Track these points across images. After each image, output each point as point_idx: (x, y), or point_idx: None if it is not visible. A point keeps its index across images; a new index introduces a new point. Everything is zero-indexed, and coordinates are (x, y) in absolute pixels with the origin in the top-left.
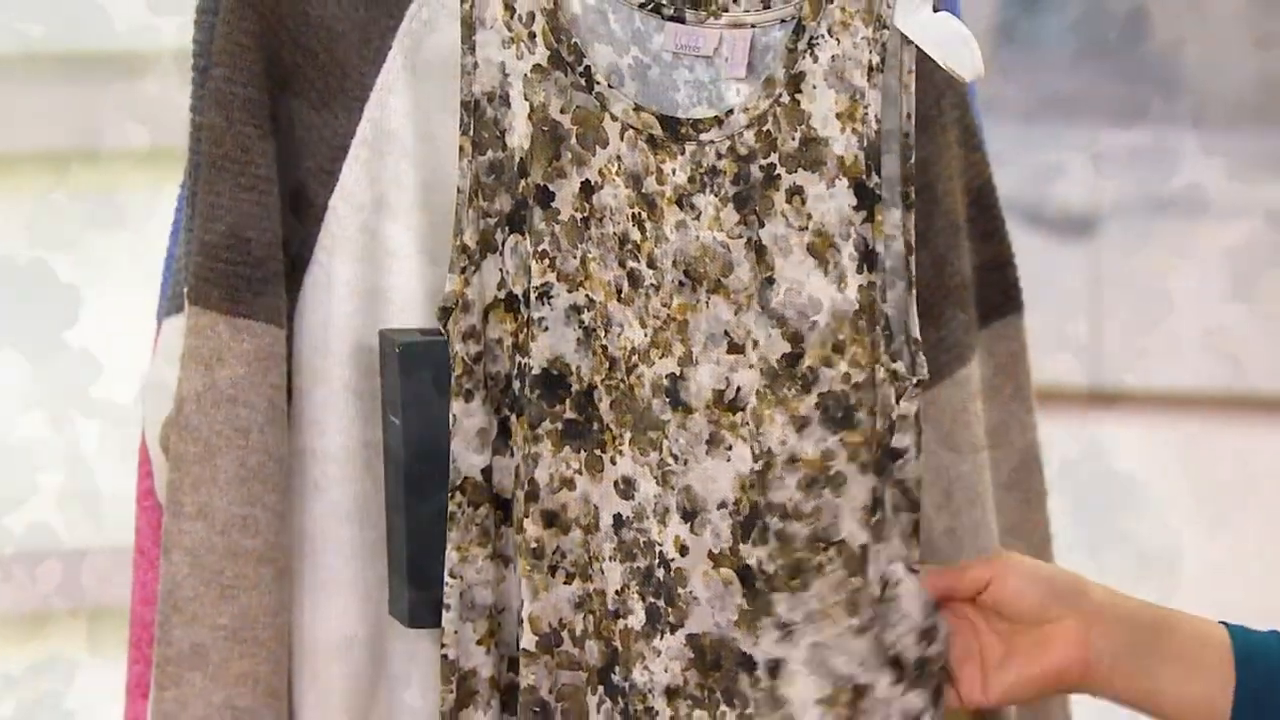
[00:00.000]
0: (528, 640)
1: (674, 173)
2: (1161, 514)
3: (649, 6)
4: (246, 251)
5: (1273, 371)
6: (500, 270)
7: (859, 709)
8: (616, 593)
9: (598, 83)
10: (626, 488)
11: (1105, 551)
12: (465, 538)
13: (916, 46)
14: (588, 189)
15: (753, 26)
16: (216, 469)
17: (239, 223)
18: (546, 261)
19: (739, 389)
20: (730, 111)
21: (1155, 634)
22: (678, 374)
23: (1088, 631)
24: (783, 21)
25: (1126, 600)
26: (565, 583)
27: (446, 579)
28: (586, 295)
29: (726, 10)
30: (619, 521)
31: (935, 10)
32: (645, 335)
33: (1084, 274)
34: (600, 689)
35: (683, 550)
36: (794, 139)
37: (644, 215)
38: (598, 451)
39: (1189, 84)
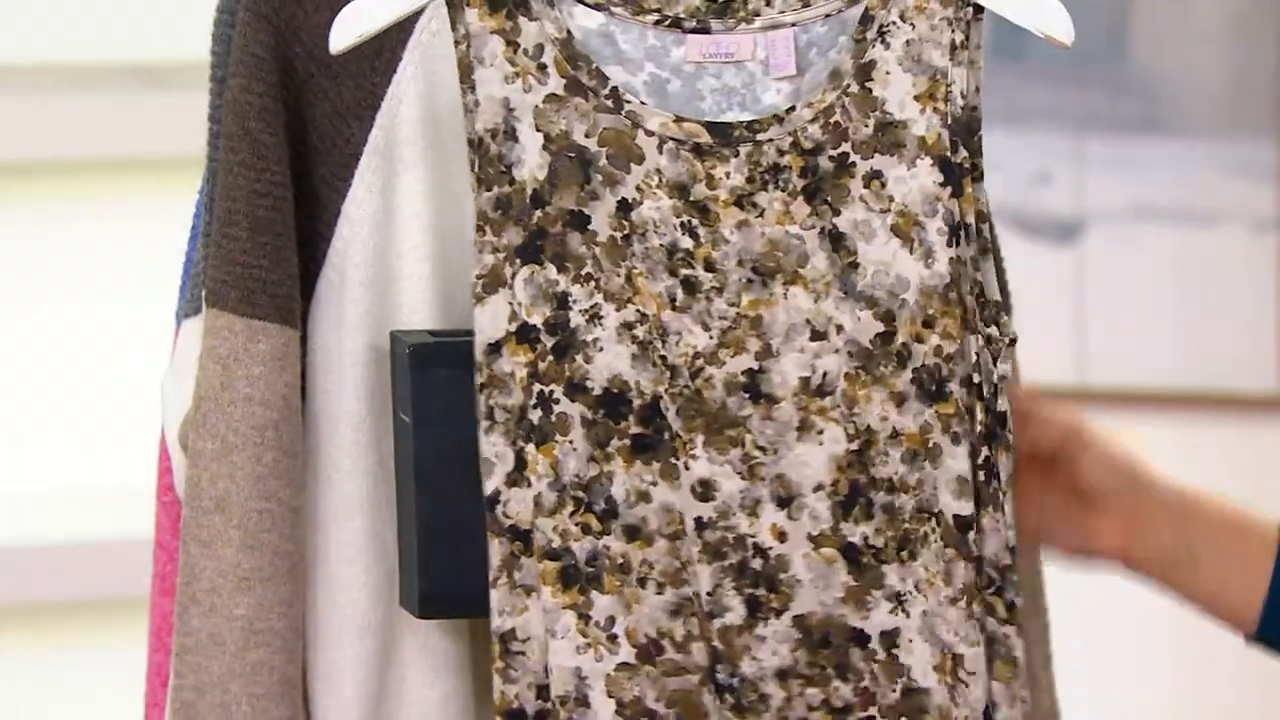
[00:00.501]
0: (625, 654)
1: (728, 176)
2: None
3: (666, 23)
4: (262, 255)
5: (1255, 373)
6: (510, 304)
7: (959, 678)
8: (709, 594)
9: (627, 102)
10: (704, 490)
11: None
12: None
13: (982, 22)
14: (625, 207)
15: (793, 25)
16: (234, 465)
17: (255, 227)
18: (592, 284)
19: (825, 374)
20: (792, 108)
21: (1203, 526)
22: (755, 368)
23: (1134, 535)
24: (827, 16)
25: (1182, 495)
26: (657, 593)
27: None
28: (637, 310)
29: (759, 15)
30: (700, 524)
31: None
32: (711, 338)
33: (1070, 277)
34: (711, 687)
35: (781, 537)
36: (867, 126)
37: (695, 222)
38: (671, 460)
39: (1171, 93)
